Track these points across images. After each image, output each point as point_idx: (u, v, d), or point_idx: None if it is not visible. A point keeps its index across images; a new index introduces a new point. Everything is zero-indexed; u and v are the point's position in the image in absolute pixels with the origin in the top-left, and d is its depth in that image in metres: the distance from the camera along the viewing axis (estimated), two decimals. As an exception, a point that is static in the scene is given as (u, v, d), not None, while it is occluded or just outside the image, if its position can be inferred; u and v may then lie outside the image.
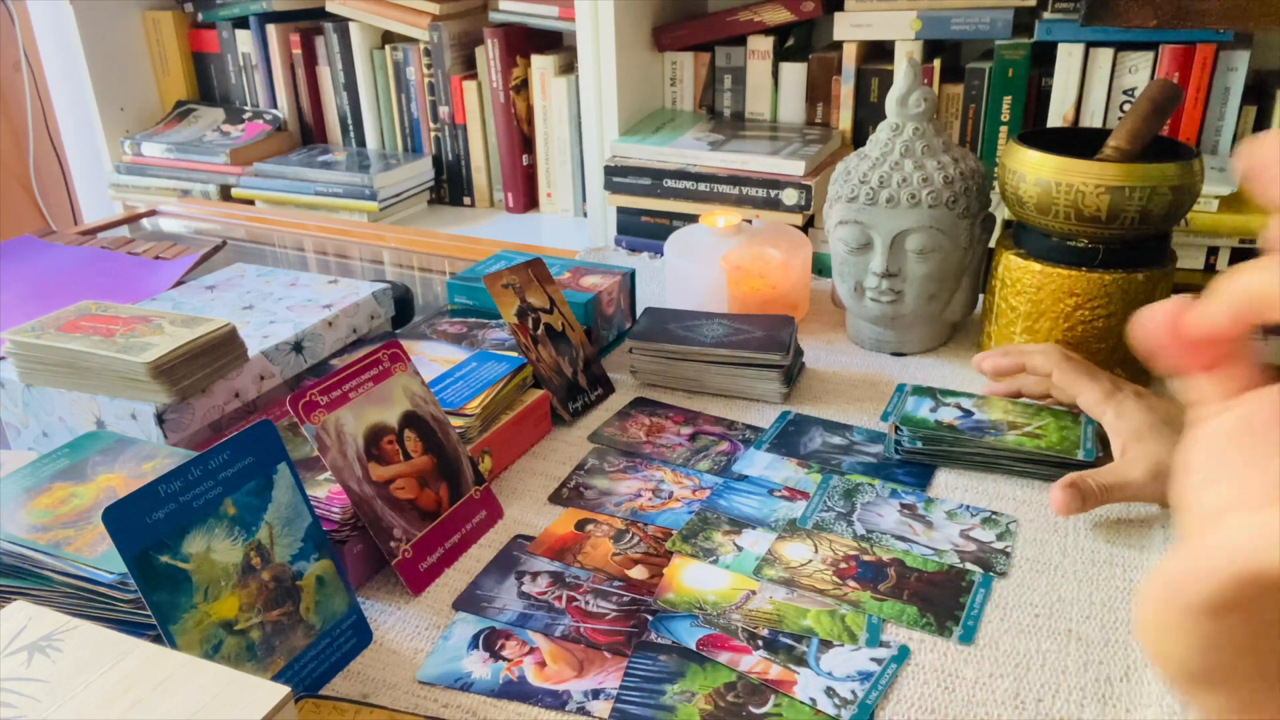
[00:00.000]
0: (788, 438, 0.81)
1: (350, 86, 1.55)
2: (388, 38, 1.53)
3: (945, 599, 0.62)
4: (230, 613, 0.52)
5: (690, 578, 0.64)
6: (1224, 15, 1.05)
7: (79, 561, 0.53)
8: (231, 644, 0.52)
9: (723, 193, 1.20)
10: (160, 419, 0.70)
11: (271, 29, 1.56)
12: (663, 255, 1.08)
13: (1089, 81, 1.14)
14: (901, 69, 0.89)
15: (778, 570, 0.65)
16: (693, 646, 0.58)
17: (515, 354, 0.83)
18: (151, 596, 0.49)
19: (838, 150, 1.25)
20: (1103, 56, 1.13)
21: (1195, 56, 1.10)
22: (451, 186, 1.55)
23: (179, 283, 1.08)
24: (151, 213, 1.49)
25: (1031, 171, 0.80)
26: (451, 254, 1.29)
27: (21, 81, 1.78)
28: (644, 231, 1.27)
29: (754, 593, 0.63)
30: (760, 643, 0.58)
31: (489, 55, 1.42)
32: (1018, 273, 0.85)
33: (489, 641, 0.59)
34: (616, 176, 1.25)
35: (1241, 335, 0.31)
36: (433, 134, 1.52)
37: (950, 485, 0.74)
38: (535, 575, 0.65)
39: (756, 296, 0.98)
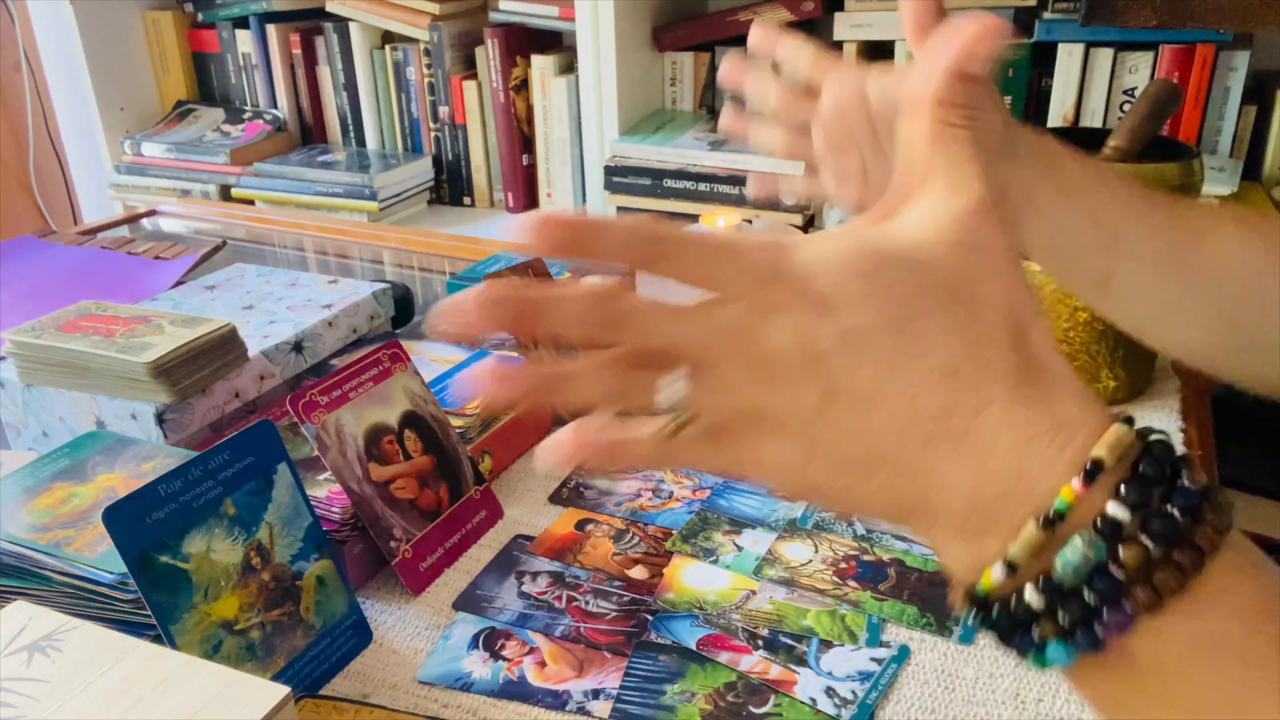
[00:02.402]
0: (788, 438, 0.81)
1: (350, 86, 1.55)
2: (388, 38, 1.53)
3: (945, 598, 0.62)
4: (230, 613, 0.52)
5: (690, 578, 0.64)
6: (1224, 15, 1.05)
7: (79, 561, 0.53)
8: (231, 644, 0.52)
9: (723, 193, 1.20)
10: (160, 419, 0.70)
11: (271, 29, 1.56)
12: (663, 255, 1.07)
13: (1089, 81, 1.14)
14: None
15: (778, 570, 0.65)
16: (693, 646, 0.58)
17: (515, 354, 0.83)
18: (151, 596, 0.49)
19: (838, 150, 1.25)
20: (1103, 56, 1.13)
21: (1195, 56, 1.10)
22: (451, 186, 1.55)
23: (179, 283, 1.08)
24: (151, 213, 1.49)
25: (1031, 171, 0.80)
26: (451, 254, 1.28)
27: (21, 81, 1.78)
28: (644, 231, 1.27)
29: (754, 593, 0.63)
30: (760, 643, 0.58)
31: (489, 55, 1.42)
32: (1018, 273, 0.85)
33: (489, 641, 0.59)
34: (616, 176, 1.25)
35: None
36: (433, 134, 1.52)
37: (950, 485, 0.74)
38: (535, 575, 0.65)
39: (756, 296, 0.98)
